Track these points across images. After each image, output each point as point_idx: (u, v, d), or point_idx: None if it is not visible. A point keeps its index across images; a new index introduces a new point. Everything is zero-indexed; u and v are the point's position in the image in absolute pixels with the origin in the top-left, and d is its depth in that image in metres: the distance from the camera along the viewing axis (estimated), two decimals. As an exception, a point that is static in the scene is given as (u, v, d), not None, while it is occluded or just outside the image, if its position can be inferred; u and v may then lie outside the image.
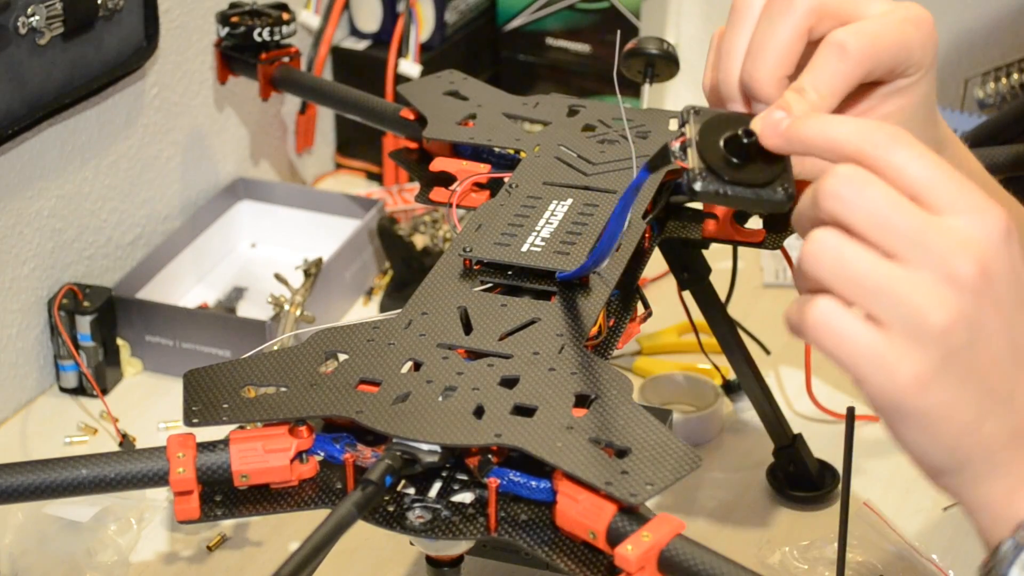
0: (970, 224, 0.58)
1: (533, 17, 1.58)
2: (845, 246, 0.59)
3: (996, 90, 1.39)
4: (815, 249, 0.60)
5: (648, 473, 0.69)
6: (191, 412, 0.75)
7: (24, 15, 1.09)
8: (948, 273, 0.58)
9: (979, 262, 0.58)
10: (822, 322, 0.59)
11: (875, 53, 0.68)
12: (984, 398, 0.59)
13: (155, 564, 1.03)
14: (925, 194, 0.59)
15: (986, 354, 0.59)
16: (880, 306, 0.58)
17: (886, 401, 0.59)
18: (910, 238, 0.58)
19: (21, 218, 1.17)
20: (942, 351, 0.58)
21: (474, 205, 0.96)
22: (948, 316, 0.58)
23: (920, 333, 0.58)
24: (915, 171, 0.59)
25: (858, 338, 0.59)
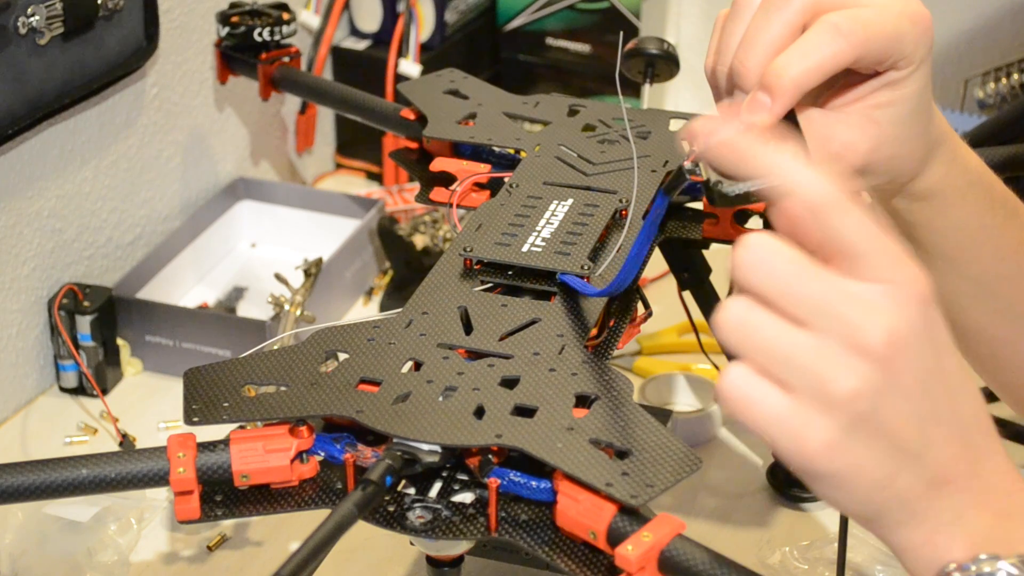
0: (881, 292, 0.58)
1: (533, 17, 1.58)
2: (750, 314, 0.59)
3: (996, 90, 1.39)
4: (723, 317, 0.60)
5: (648, 474, 0.69)
6: (191, 411, 0.75)
7: (24, 15, 1.09)
8: (854, 342, 0.58)
9: (886, 329, 0.58)
10: (731, 390, 0.60)
11: (866, 39, 0.68)
12: (894, 455, 0.60)
13: (155, 564, 1.03)
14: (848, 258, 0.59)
15: (894, 416, 0.59)
16: (786, 373, 0.59)
17: (797, 464, 0.60)
18: (816, 305, 0.58)
19: (21, 218, 1.17)
20: (848, 417, 0.59)
21: (474, 205, 0.96)
22: (853, 385, 0.58)
23: (826, 400, 0.59)
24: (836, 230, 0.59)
25: (766, 405, 0.59)
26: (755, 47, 0.69)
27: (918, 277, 0.59)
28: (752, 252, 0.59)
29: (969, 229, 0.80)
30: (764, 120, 0.67)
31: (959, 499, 0.62)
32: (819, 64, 0.67)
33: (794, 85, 0.67)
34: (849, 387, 0.58)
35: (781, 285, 0.59)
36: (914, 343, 0.59)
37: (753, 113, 0.67)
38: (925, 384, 0.60)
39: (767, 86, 0.67)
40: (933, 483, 0.61)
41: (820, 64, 0.67)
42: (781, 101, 0.67)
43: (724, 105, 0.73)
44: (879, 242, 0.59)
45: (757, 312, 0.59)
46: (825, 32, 0.68)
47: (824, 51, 0.67)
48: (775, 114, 0.67)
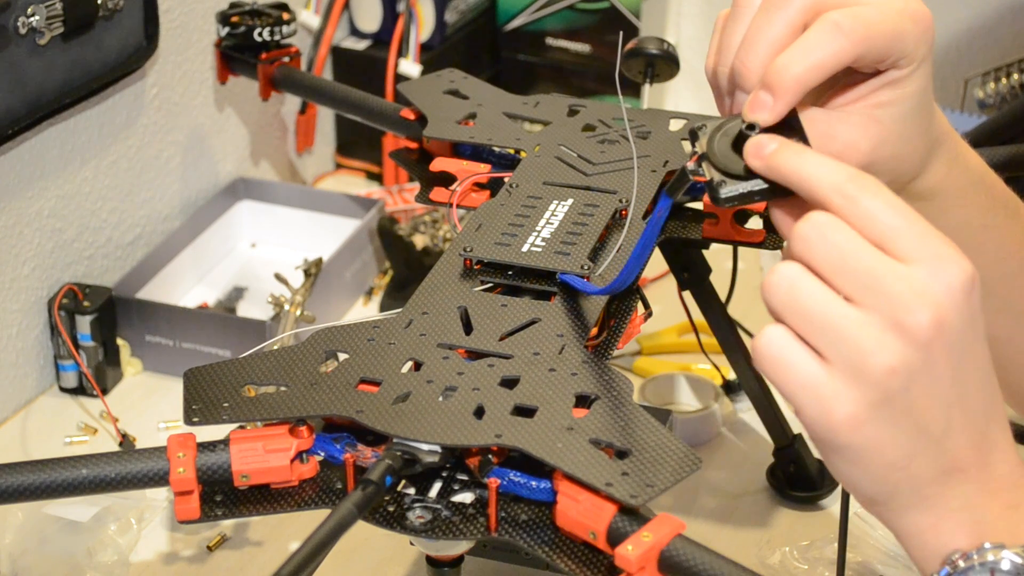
0: (931, 274, 0.60)
1: (533, 17, 1.58)
2: (801, 280, 0.61)
3: (996, 90, 1.39)
4: (774, 279, 0.62)
5: (648, 474, 0.69)
6: (191, 411, 0.75)
7: (24, 15, 1.09)
8: (897, 320, 0.59)
9: (933, 313, 0.59)
10: (768, 349, 0.62)
11: (868, 36, 0.68)
12: (916, 438, 0.61)
13: (155, 564, 1.03)
14: (890, 242, 0.61)
15: (924, 398, 0.61)
16: (825, 342, 0.60)
17: (819, 433, 0.62)
18: (865, 281, 0.60)
19: (21, 218, 1.17)
20: (879, 394, 0.60)
21: (474, 205, 0.96)
22: (889, 362, 0.59)
23: (860, 374, 0.60)
24: (883, 219, 0.61)
25: (800, 369, 0.61)
26: (756, 47, 0.69)
27: (962, 257, 0.60)
28: (812, 225, 0.61)
29: (971, 229, 0.80)
30: (766, 119, 0.67)
31: (969, 488, 0.63)
32: (821, 62, 0.67)
33: (796, 83, 0.67)
34: (886, 363, 0.59)
35: (836, 257, 0.60)
36: (956, 329, 0.60)
37: (755, 112, 0.67)
38: (957, 370, 0.61)
39: (769, 85, 0.67)
40: (946, 470, 0.62)
41: (822, 62, 0.67)
42: (783, 99, 0.67)
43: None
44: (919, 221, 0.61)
45: (808, 279, 0.61)
46: (826, 30, 0.68)
47: (826, 49, 0.67)
48: (777, 113, 0.67)
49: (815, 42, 0.68)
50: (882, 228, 0.61)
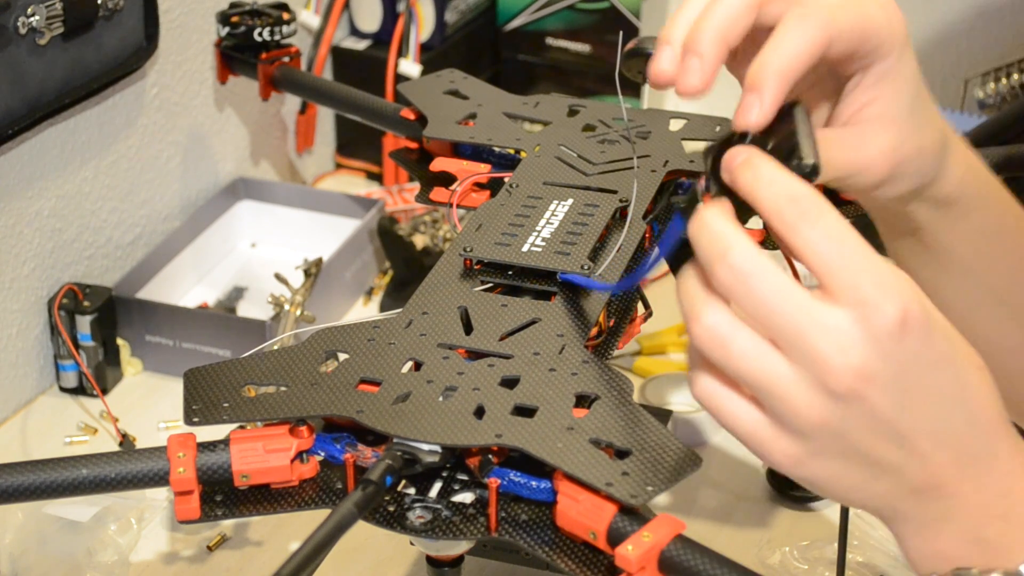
0: (855, 322, 0.59)
1: (533, 17, 1.58)
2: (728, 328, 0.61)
3: (996, 90, 1.39)
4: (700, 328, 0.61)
5: (648, 474, 0.69)
6: (191, 411, 0.75)
7: (24, 15, 1.09)
8: (821, 379, 0.59)
9: (856, 368, 0.59)
10: (704, 395, 0.63)
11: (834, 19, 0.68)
12: (868, 468, 0.62)
13: (155, 564, 1.03)
14: (822, 277, 0.60)
15: (866, 438, 0.61)
16: (757, 392, 0.61)
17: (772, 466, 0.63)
18: (790, 333, 0.59)
19: (21, 218, 1.17)
20: (814, 442, 0.61)
21: (474, 205, 0.96)
22: (819, 417, 0.60)
23: (792, 426, 0.61)
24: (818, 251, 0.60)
25: (737, 415, 0.62)
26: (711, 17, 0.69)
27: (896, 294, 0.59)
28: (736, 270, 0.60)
29: (988, 234, 0.80)
30: (757, 119, 0.67)
31: (947, 503, 0.63)
32: (796, 52, 0.67)
33: (777, 76, 0.67)
34: (815, 419, 0.60)
35: (759, 305, 0.60)
36: (889, 372, 0.59)
37: (745, 115, 0.67)
38: (902, 405, 0.60)
39: (752, 86, 0.67)
40: (917, 488, 0.62)
41: (797, 51, 0.67)
42: (770, 94, 0.67)
43: None
44: (853, 257, 0.60)
45: (734, 326, 0.61)
46: (793, 22, 0.68)
47: (797, 39, 0.67)
48: (766, 110, 0.67)
49: (785, 35, 0.68)
50: (815, 263, 0.60)
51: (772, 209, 0.62)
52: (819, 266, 0.60)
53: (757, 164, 0.63)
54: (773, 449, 0.61)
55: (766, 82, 0.67)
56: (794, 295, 0.60)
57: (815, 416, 0.60)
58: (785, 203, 0.61)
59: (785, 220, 0.61)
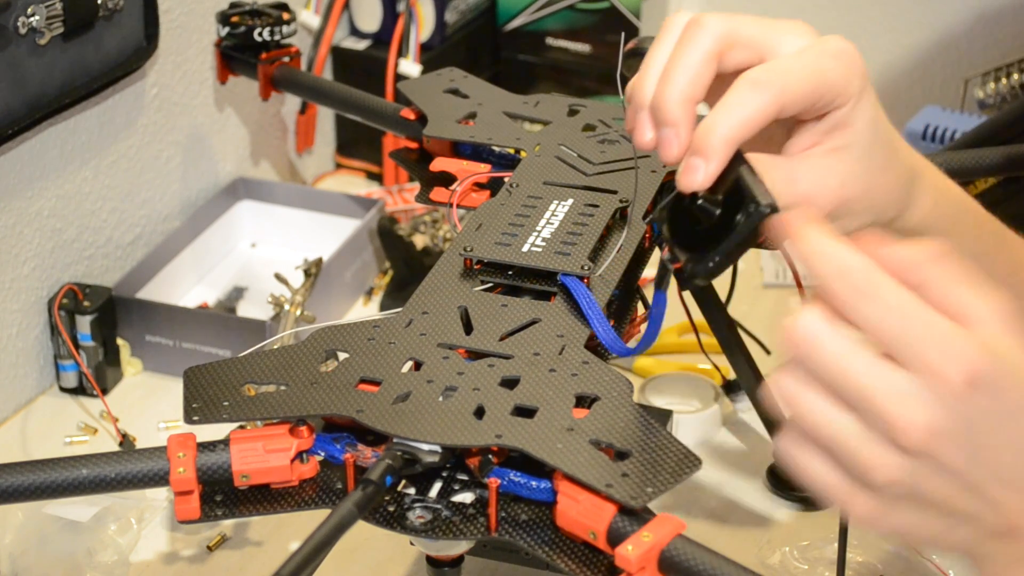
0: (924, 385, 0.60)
1: (533, 17, 1.58)
2: (801, 391, 0.62)
3: (996, 90, 1.39)
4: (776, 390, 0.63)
5: (648, 475, 0.69)
6: (191, 410, 0.75)
7: (24, 15, 1.09)
8: (893, 436, 0.60)
9: (922, 426, 0.59)
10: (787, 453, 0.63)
11: (787, 85, 0.69)
12: (945, 519, 0.62)
13: (155, 564, 1.03)
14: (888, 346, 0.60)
15: (940, 491, 0.61)
16: (832, 452, 0.62)
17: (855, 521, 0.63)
18: (859, 395, 0.60)
19: (21, 218, 1.17)
20: (889, 497, 0.62)
21: (474, 205, 0.96)
22: (891, 474, 0.61)
23: (866, 483, 0.61)
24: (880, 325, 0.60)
25: (815, 471, 0.63)
26: (673, 79, 0.70)
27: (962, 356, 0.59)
28: (804, 331, 0.61)
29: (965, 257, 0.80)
30: (700, 182, 0.68)
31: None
32: (745, 119, 0.68)
33: (723, 143, 0.68)
34: (886, 477, 0.61)
35: (828, 368, 0.61)
36: (959, 429, 0.60)
37: (689, 177, 0.68)
38: (975, 458, 0.61)
39: (697, 150, 0.68)
40: (997, 532, 0.63)
41: (746, 119, 0.68)
42: (714, 161, 0.68)
43: None
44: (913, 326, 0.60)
45: (806, 390, 0.62)
46: (744, 88, 0.69)
47: (747, 106, 0.68)
48: (710, 174, 0.68)
49: (736, 101, 0.69)
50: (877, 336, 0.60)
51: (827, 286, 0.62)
52: (881, 338, 0.60)
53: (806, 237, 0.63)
54: (851, 503, 0.62)
55: (712, 148, 0.68)
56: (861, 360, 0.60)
57: (886, 472, 0.60)
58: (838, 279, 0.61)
59: (840, 297, 0.61)
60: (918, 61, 1.56)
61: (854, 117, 0.72)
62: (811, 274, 0.63)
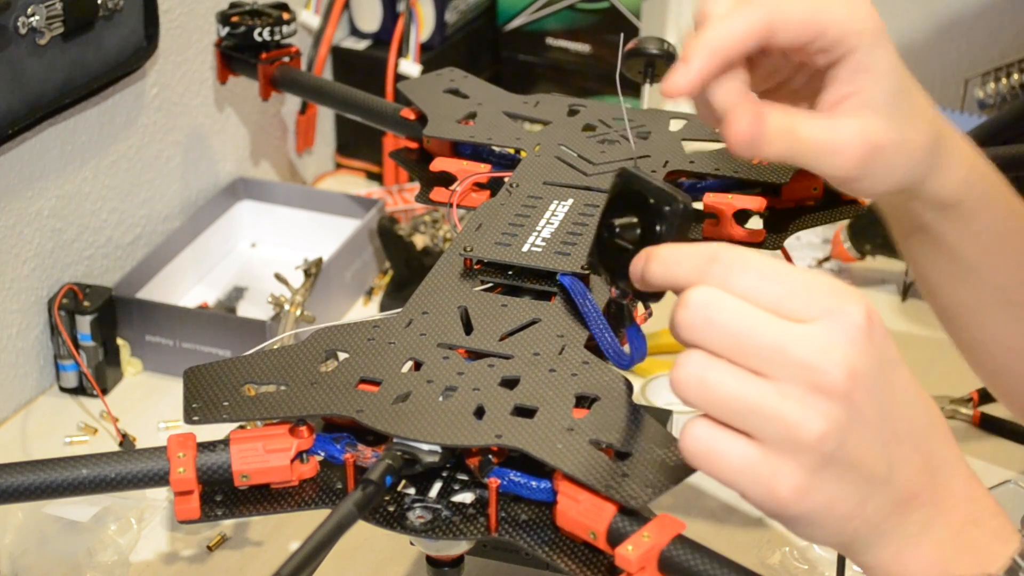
0: (829, 328, 0.59)
1: (533, 17, 1.58)
2: (708, 371, 0.60)
3: (996, 90, 1.39)
4: (680, 376, 0.61)
5: (649, 476, 0.69)
6: (191, 410, 0.75)
7: (24, 15, 1.09)
8: (815, 383, 0.59)
9: (843, 366, 0.59)
10: (695, 445, 0.61)
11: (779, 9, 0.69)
12: (863, 485, 0.61)
13: (155, 564, 1.03)
14: (779, 307, 0.60)
15: (861, 447, 0.60)
16: (752, 424, 0.60)
17: (768, 511, 0.62)
18: (771, 353, 0.59)
19: (21, 218, 1.17)
20: (817, 459, 0.60)
21: (474, 205, 0.96)
22: (821, 425, 0.59)
23: (793, 446, 0.59)
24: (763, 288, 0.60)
25: (732, 456, 0.60)
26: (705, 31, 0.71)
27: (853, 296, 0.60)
28: (694, 311, 0.60)
29: (993, 234, 0.80)
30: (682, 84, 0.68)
31: (925, 512, 0.63)
32: (730, 32, 0.69)
33: (708, 50, 0.68)
34: (817, 429, 0.59)
35: (730, 338, 0.59)
36: (869, 370, 0.60)
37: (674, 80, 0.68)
38: (882, 407, 0.60)
39: (682, 58, 0.69)
40: (899, 502, 0.62)
41: (731, 32, 0.69)
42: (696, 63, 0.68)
43: None
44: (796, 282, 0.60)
45: (714, 367, 0.60)
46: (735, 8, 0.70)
47: (734, 21, 0.69)
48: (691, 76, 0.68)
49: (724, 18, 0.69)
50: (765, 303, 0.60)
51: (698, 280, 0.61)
52: (771, 303, 0.60)
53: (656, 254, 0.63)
54: (775, 483, 0.60)
55: (696, 54, 0.68)
56: (760, 316, 0.59)
57: (815, 425, 0.59)
58: (706, 268, 0.61)
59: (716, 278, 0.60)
60: (918, 61, 1.56)
61: (873, 61, 0.72)
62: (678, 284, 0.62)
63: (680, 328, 0.60)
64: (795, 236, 0.98)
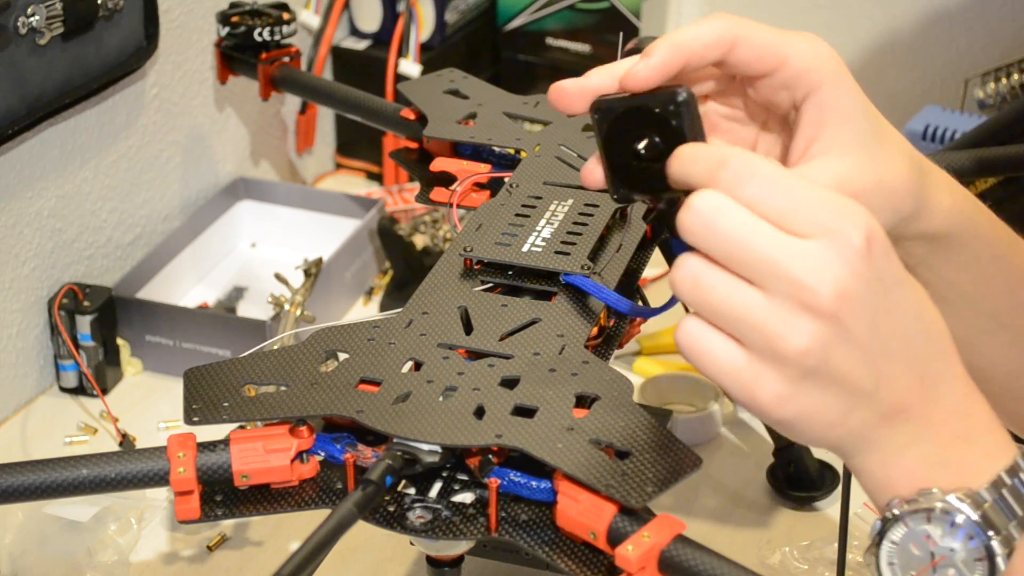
0: (826, 246, 0.60)
1: (533, 17, 1.58)
2: (704, 274, 0.62)
3: (996, 90, 1.39)
4: (677, 276, 0.63)
5: (648, 475, 0.69)
6: (191, 411, 0.75)
7: (24, 15, 1.09)
8: (803, 300, 0.60)
9: (834, 286, 0.60)
10: (687, 339, 0.63)
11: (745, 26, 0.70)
12: (845, 398, 0.62)
13: (155, 564, 1.03)
14: (781, 221, 0.61)
15: (845, 362, 0.61)
16: (739, 330, 0.61)
17: (752, 411, 0.63)
18: (765, 266, 0.60)
19: (21, 218, 1.17)
20: (798, 371, 0.61)
21: (474, 205, 0.96)
22: (803, 342, 0.60)
23: (776, 356, 0.61)
24: (768, 200, 0.61)
25: (719, 357, 0.62)
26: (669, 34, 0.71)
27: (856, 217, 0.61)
28: (694, 216, 0.62)
29: (983, 262, 0.80)
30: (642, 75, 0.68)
31: (913, 426, 0.64)
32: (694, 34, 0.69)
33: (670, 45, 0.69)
34: (799, 344, 0.60)
35: (728, 246, 0.61)
36: (862, 291, 0.61)
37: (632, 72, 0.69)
38: (874, 326, 0.61)
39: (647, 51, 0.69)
40: (887, 415, 0.63)
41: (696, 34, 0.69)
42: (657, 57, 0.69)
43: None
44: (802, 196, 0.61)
45: (710, 271, 0.62)
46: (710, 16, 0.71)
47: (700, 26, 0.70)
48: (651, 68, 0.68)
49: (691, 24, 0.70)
50: (770, 214, 0.61)
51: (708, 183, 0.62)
52: (774, 215, 0.61)
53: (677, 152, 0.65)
54: (757, 388, 0.61)
55: (658, 49, 0.69)
56: (760, 228, 0.61)
57: (797, 340, 0.60)
58: (716, 172, 0.62)
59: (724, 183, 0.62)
60: (918, 61, 1.56)
61: (837, 100, 0.72)
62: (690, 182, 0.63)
63: (682, 230, 0.62)
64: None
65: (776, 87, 0.72)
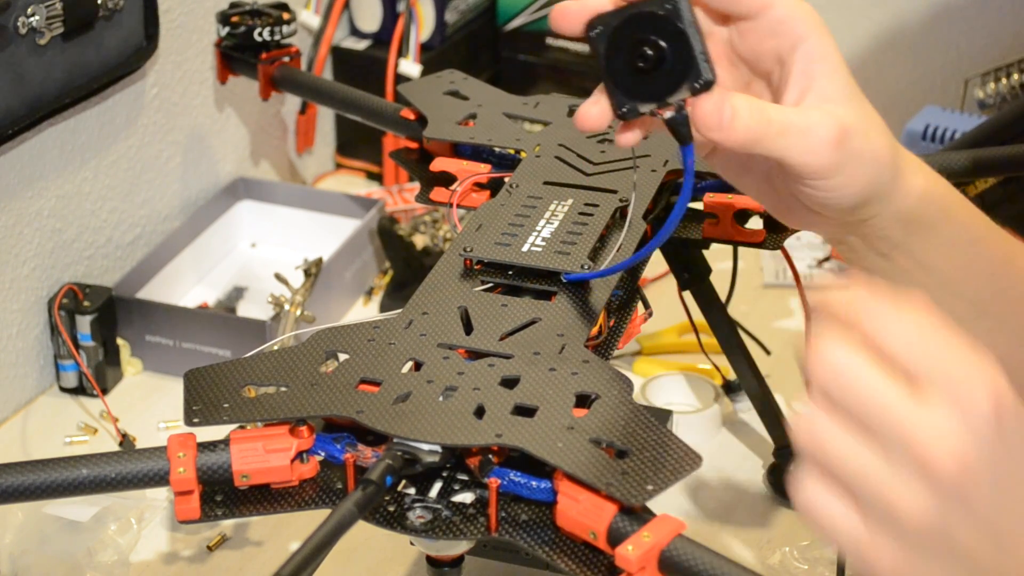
0: (950, 411, 0.58)
1: (533, 17, 1.58)
2: (826, 427, 0.59)
3: (996, 90, 1.39)
4: (800, 426, 0.61)
5: (649, 474, 0.69)
6: (192, 412, 0.75)
7: (24, 15, 1.09)
8: (921, 470, 0.58)
9: (955, 457, 0.57)
10: (808, 503, 0.61)
11: None
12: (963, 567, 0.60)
13: (155, 564, 1.03)
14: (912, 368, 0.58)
15: (967, 537, 0.59)
16: (857, 491, 0.59)
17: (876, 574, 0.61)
18: (887, 426, 0.58)
19: (21, 218, 1.17)
20: (916, 541, 0.59)
21: (474, 205, 0.96)
22: (922, 512, 0.58)
23: (895, 524, 0.59)
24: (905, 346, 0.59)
25: (840, 524, 0.60)
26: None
27: (983, 383, 0.58)
28: (834, 360, 0.59)
29: (960, 245, 0.80)
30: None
31: None
32: None
33: None
34: (917, 514, 0.58)
35: (854, 399, 0.59)
36: (986, 464, 0.58)
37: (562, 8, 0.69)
38: (997, 496, 0.59)
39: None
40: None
41: None
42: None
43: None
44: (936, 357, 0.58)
45: (831, 425, 0.59)
46: None
47: None
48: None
49: None
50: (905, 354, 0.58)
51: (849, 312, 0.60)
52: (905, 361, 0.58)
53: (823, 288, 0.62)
54: (876, 556, 0.59)
55: None
56: (892, 389, 0.58)
57: (916, 512, 0.58)
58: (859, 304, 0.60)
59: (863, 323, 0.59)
60: (918, 61, 1.56)
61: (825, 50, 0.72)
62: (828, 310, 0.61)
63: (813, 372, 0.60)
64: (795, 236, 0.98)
65: (762, 34, 0.72)
